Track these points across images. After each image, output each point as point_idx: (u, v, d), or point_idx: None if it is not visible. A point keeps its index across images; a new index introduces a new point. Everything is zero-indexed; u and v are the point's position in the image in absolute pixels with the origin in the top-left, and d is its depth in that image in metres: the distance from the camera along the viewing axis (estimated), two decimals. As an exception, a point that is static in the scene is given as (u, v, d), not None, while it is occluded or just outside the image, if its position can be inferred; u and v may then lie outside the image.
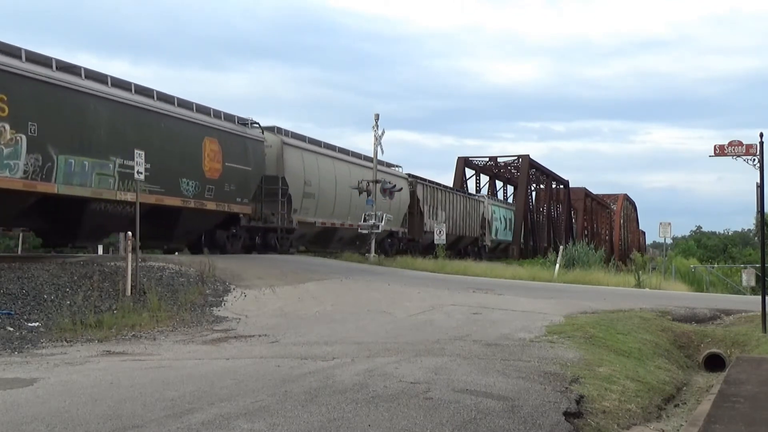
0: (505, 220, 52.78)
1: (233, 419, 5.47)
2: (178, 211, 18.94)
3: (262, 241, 23.25)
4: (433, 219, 37.48)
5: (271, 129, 24.36)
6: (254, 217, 22.54)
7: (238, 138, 21.72)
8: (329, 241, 28.96)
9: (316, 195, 25.98)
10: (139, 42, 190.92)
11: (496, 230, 49.70)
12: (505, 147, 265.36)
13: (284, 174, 23.79)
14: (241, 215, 21.81)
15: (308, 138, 26.78)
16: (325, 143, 28.14)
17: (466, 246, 44.24)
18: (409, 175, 36.28)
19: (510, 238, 53.21)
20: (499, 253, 50.49)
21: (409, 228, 35.46)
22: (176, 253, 20.61)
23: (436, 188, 39.16)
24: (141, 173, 13.82)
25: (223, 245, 21.44)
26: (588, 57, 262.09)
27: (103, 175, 16.07)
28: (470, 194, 47.63)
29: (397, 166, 34.62)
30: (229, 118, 21.41)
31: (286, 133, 25.36)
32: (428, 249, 36.67)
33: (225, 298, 13.46)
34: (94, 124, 16.03)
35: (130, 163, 15.17)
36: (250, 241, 22.81)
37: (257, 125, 22.96)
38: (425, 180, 37.95)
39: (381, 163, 30.87)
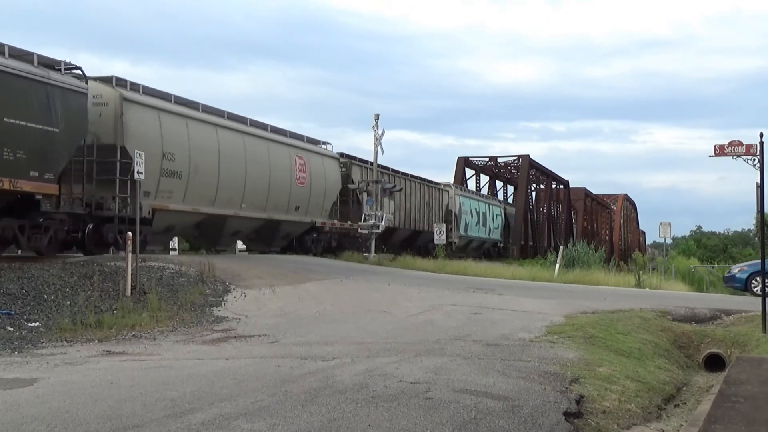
0: (479, 214, 45.42)
1: (233, 419, 5.47)
2: None
3: (93, 236, 16.43)
4: (376, 209, 31.00)
5: (107, 80, 17.45)
6: (72, 200, 16.11)
7: (32, 83, 14.20)
8: (218, 235, 22.05)
9: (184, 174, 18.87)
10: (139, 42, 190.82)
11: (466, 225, 42.31)
12: (506, 147, 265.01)
13: (126, 142, 16.67)
14: (41, 197, 14.75)
15: (174, 96, 19.41)
16: (204, 105, 20.65)
17: (426, 243, 37.42)
18: (342, 154, 29.66)
19: (486, 235, 47.17)
20: (472, 252, 43.57)
21: (342, 220, 29.06)
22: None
23: (382, 172, 32.27)
24: (141, 173, 13.81)
25: (15, 241, 14.75)
26: (589, 57, 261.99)
27: None
28: (430, 182, 38.96)
29: (324, 143, 27.89)
30: (19, 55, 14.26)
31: (134, 86, 17.90)
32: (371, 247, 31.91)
33: (225, 298, 13.47)
34: None
35: None
36: (69, 235, 15.82)
37: (78, 70, 15.72)
38: (366, 162, 30.89)
39: (299, 137, 25.89)
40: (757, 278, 21.07)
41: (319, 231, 27.08)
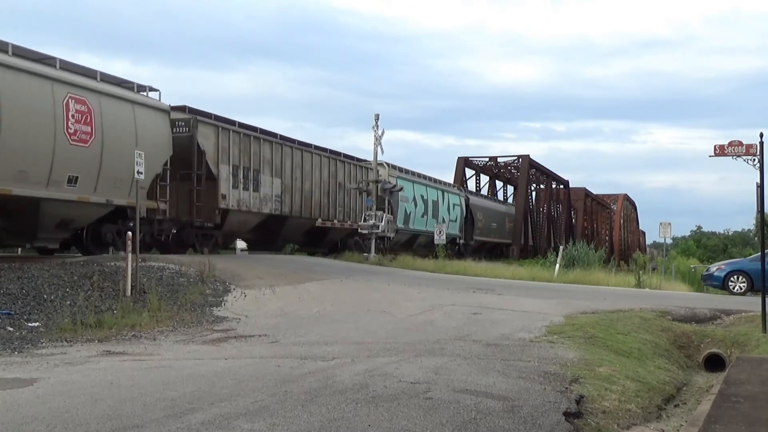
0: (426, 202, 36.28)
1: (233, 419, 5.47)
2: None
3: None
4: (247, 189, 22.09)
5: None
6: None
7: None
8: None
9: None
10: (139, 42, 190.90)
11: (408, 216, 33.56)
12: (507, 147, 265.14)
13: None
14: None
15: None
16: None
17: (344, 238, 29.56)
18: (183, 108, 20.40)
19: (434, 228, 36.62)
20: (420, 249, 35.24)
21: (176, 203, 19.46)
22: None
23: (259, 139, 23.06)
24: (141, 173, 13.82)
25: None
26: (589, 57, 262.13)
27: None
28: (348, 157, 29.57)
29: (145, 89, 18.01)
30: None
31: None
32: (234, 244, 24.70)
33: (225, 298, 13.47)
34: None
35: None
36: None
37: None
38: (229, 122, 21.76)
39: (86, 72, 16.39)
40: (734, 277, 21.56)
41: (123, 217, 17.42)
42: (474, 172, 58.38)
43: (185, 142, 19.80)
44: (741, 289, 21.42)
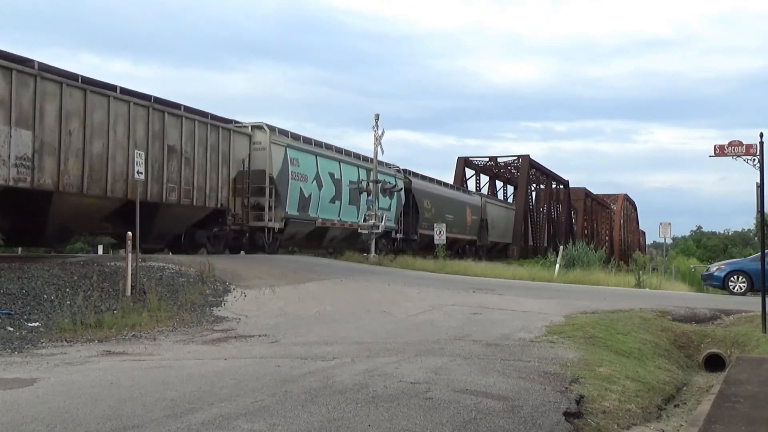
0: (339, 183, 27.52)
1: (233, 419, 5.47)
2: None
3: None
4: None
5: None
6: None
7: None
8: None
9: None
10: (139, 42, 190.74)
11: (306, 201, 25.19)
12: (507, 147, 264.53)
13: None
14: None
15: None
16: None
17: (191, 229, 20.32)
18: None
19: (361, 219, 28.57)
20: (336, 245, 27.92)
21: None
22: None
23: (21, 74, 13.93)
24: (141, 173, 13.83)
25: None
26: (590, 56, 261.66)
27: None
28: (194, 111, 20.07)
29: None
30: None
31: None
32: None
33: (225, 298, 13.47)
34: None
35: None
36: None
37: None
38: None
39: None
40: (734, 277, 21.60)
41: None
42: (474, 172, 58.42)
43: None
44: (741, 289, 21.43)
